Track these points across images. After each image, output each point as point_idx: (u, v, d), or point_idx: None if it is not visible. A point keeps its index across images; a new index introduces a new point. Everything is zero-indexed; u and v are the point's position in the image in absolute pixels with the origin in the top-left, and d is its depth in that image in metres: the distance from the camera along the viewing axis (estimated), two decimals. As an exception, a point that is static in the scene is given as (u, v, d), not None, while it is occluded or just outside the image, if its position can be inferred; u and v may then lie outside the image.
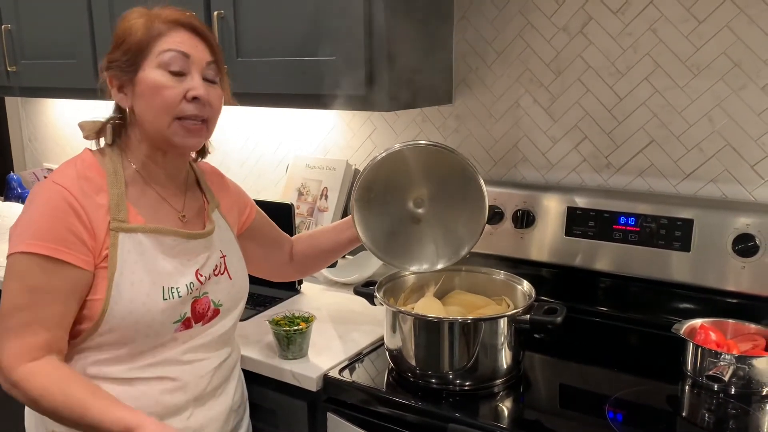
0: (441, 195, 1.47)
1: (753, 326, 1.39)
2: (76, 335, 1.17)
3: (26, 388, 1.10)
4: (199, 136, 1.21)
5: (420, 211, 1.48)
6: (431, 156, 1.44)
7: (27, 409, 1.27)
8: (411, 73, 1.66)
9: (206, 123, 1.21)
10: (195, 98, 1.17)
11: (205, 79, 1.19)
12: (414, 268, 1.50)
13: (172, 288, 1.19)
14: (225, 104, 1.25)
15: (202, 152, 1.34)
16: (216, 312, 1.27)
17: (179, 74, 1.16)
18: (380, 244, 1.48)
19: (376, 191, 1.46)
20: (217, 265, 1.28)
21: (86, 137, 1.25)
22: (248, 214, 1.46)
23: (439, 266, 1.48)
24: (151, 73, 1.15)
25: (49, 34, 2.17)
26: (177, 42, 1.16)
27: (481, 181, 1.42)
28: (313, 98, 1.67)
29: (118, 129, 1.24)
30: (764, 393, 1.27)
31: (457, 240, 1.47)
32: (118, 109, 1.23)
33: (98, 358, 1.18)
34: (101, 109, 1.27)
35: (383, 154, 1.44)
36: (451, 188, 1.45)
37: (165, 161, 1.24)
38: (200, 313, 1.24)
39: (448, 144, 1.90)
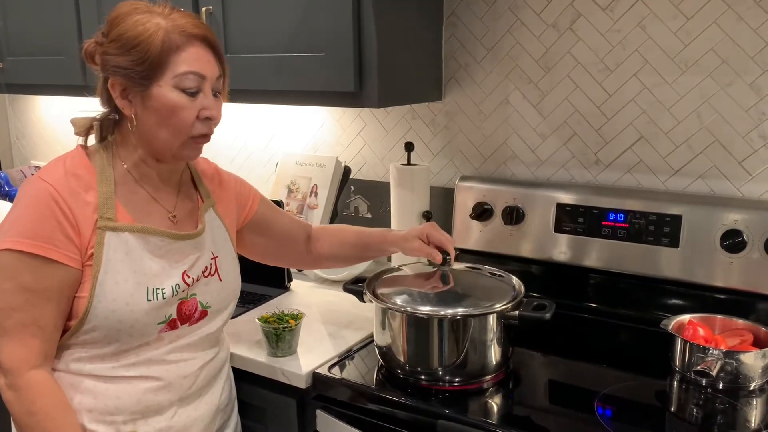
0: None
1: (741, 321, 1.39)
2: (63, 331, 1.16)
3: (29, 398, 1.12)
4: (200, 149, 1.23)
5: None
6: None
7: None
8: (400, 70, 1.65)
9: (208, 136, 1.22)
10: (207, 118, 1.17)
11: (212, 92, 1.19)
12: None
13: (156, 289, 1.18)
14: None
15: None
16: (204, 313, 1.27)
17: (193, 93, 1.15)
18: None
19: None
20: (207, 267, 1.27)
21: (77, 134, 1.23)
22: (250, 206, 1.44)
23: None
24: (168, 92, 1.13)
25: (36, 30, 2.15)
26: (194, 60, 1.14)
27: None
28: (303, 95, 1.67)
29: (110, 126, 1.23)
30: (751, 388, 1.28)
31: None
32: (112, 107, 1.21)
33: (82, 355, 1.17)
34: (89, 106, 1.26)
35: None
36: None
37: (159, 166, 1.23)
38: (186, 315, 1.24)
39: (437, 140, 1.91)
